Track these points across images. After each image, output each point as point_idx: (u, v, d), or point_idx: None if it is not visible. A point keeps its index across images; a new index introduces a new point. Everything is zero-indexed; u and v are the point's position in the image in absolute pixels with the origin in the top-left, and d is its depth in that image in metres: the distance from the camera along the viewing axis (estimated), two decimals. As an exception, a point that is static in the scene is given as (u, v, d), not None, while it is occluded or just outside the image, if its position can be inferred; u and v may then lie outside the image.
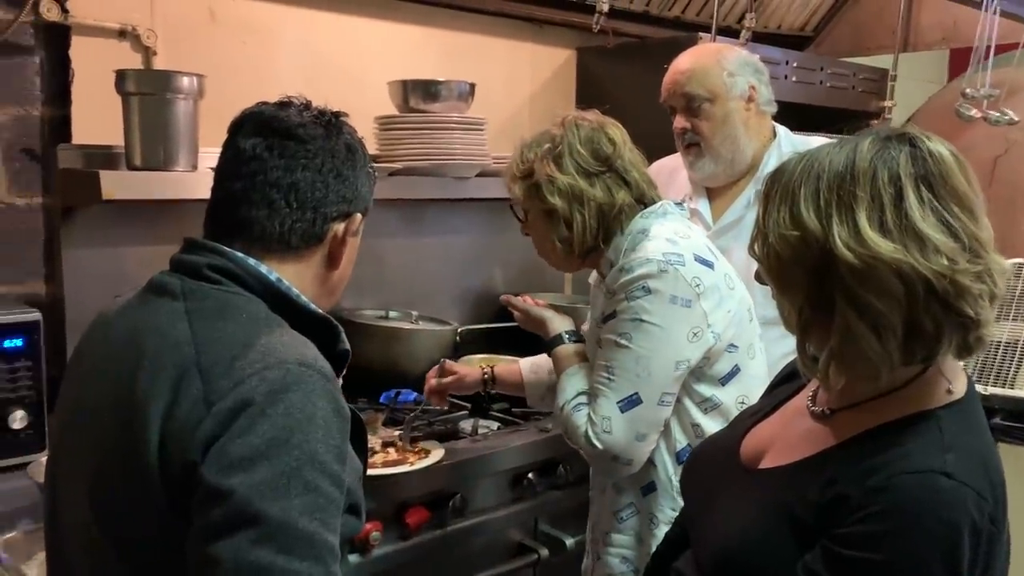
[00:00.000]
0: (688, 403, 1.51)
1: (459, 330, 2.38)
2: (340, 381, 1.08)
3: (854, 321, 0.92)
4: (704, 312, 1.46)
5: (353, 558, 1.67)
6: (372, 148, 2.32)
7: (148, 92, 1.83)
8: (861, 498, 0.90)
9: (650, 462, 1.51)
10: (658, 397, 1.46)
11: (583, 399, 1.51)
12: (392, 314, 2.41)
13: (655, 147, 2.10)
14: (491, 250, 2.71)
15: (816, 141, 1.64)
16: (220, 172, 1.12)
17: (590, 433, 1.47)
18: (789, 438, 1.07)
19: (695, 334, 1.46)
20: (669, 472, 1.51)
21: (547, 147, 1.56)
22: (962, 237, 0.92)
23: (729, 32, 2.98)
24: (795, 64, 3.03)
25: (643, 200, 1.56)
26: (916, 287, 0.90)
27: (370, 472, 1.66)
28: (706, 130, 1.96)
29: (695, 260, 1.47)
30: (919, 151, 0.94)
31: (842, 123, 3.33)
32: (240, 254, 1.08)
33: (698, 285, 1.46)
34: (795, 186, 0.97)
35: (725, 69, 1.97)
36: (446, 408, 2.16)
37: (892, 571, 0.87)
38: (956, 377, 1.00)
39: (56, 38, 2.06)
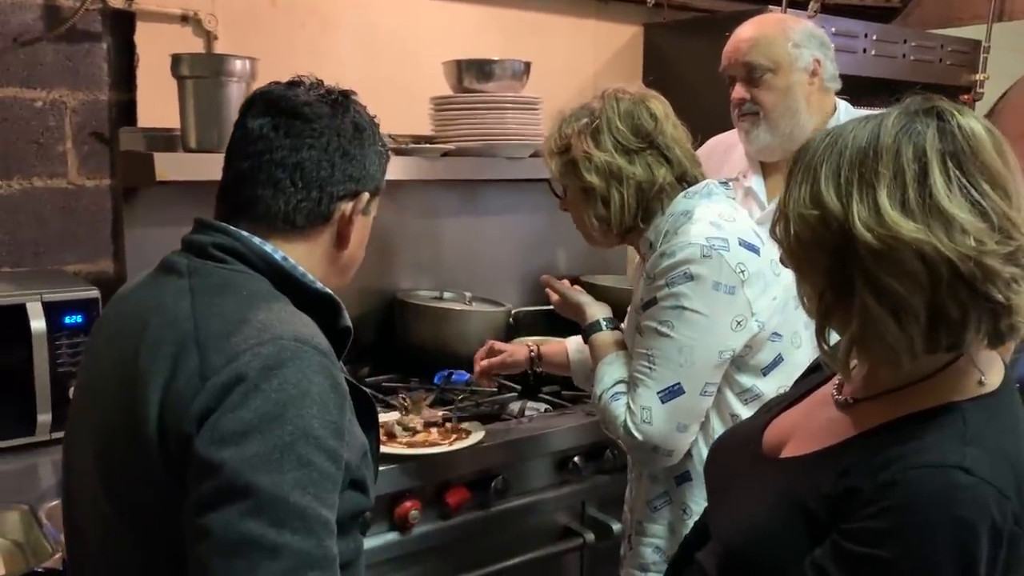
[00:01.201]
0: (728, 393, 1.46)
1: (512, 311, 2.37)
2: (342, 359, 1.10)
3: (873, 305, 0.87)
4: (748, 300, 1.40)
5: (392, 536, 1.70)
6: (427, 129, 2.34)
7: (202, 75, 1.87)
8: (872, 492, 0.85)
9: (686, 452, 1.47)
10: (701, 387, 1.41)
11: (621, 388, 1.47)
12: (447, 295, 2.41)
13: (725, 126, 2.04)
14: (550, 231, 2.68)
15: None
16: (230, 152, 1.13)
17: (629, 423, 1.43)
18: (811, 427, 1.03)
19: (739, 322, 1.40)
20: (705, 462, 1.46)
21: (585, 122, 1.50)
22: (991, 216, 0.85)
23: (800, 5, 2.85)
24: (875, 37, 2.88)
25: (686, 179, 1.50)
26: (940, 269, 0.84)
27: (407, 452, 1.68)
28: (767, 101, 1.87)
29: (740, 245, 1.41)
30: (948, 125, 0.87)
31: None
32: (245, 233, 1.09)
33: (743, 271, 1.40)
34: (817, 163, 0.91)
35: (790, 40, 1.88)
36: (495, 388, 2.16)
37: (899, 570, 0.82)
38: (990, 368, 0.93)
39: (121, 24, 2.13)
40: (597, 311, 1.61)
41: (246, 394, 0.93)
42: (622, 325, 1.61)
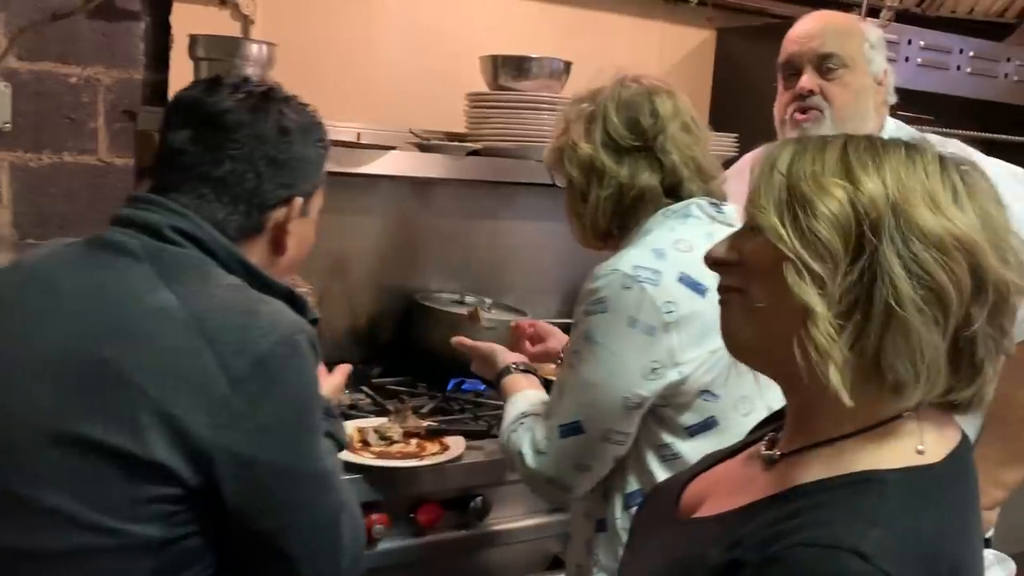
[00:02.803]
0: (645, 446, 1.27)
1: (532, 322, 2.25)
2: None
3: (909, 295, 0.74)
4: (672, 346, 1.21)
5: (356, 548, 1.61)
6: (461, 126, 2.25)
7: (216, 58, 1.85)
8: (754, 569, 0.72)
9: (604, 496, 1.30)
10: (602, 433, 1.24)
11: (524, 420, 1.33)
12: (468, 299, 2.32)
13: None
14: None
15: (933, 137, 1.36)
16: (155, 163, 1.11)
17: (526, 451, 1.29)
18: (729, 485, 0.89)
19: (653, 370, 1.21)
20: (616, 515, 1.29)
21: (584, 107, 1.36)
22: None
23: (877, 13, 2.61)
24: (972, 53, 2.63)
25: (677, 191, 1.33)
26: (987, 290, 0.75)
27: (370, 462, 1.59)
28: (839, 98, 1.66)
29: (678, 281, 1.22)
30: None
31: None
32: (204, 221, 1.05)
33: (670, 312, 1.20)
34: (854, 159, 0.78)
35: (867, 40, 1.70)
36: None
37: None
38: (937, 437, 0.78)
39: (159, 4, 2.14)
40: (508, 357, 1.51)
41: (279, 396, 1.00)
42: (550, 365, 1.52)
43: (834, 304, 0.73)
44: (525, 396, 1.40)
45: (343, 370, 1.43)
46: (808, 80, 1.69)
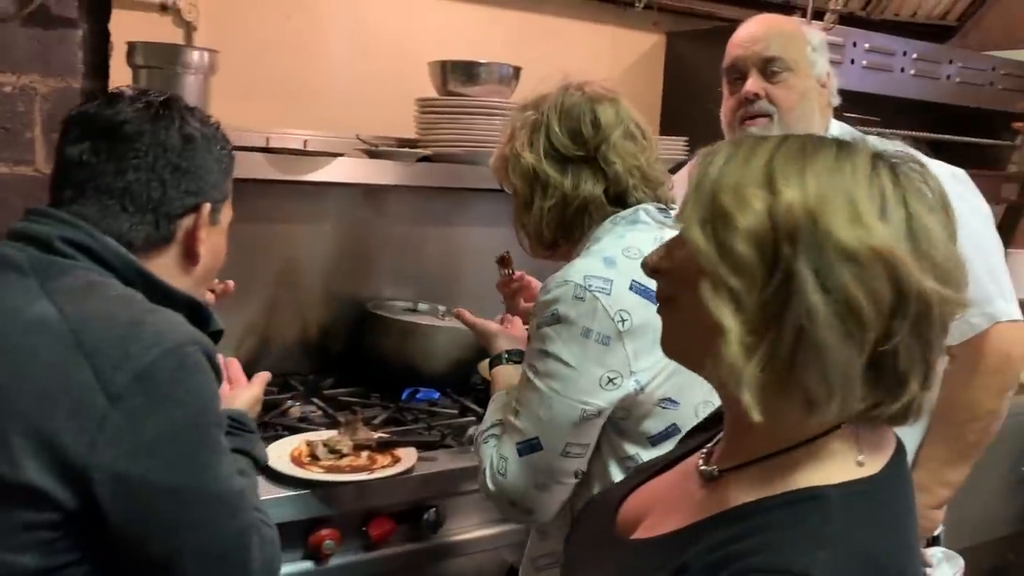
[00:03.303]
0: (609, 458, 1.27)
1: (488, 329, 2.23)
2: None
3: (820, 310, 0.71)
4: (627, 354, 1.20)
5: (306, 564, 1.58)
6: (411, 132, 2.23)
7: (156, 66, 1.81)
8: None
9: (571, 510, 1.29)
10: (561, 447, 1.22)
11: (496, 431, 1.31)
12: (421, 306, 2.29)
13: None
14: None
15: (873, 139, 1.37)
16: (52, 182, 1.08)
17: (487, 473, 1.27)
18: (669, 503, 0.87)
19: (611, 379, 1.19)
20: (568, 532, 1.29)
21: (528, 114, 1.35)
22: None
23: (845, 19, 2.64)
24: (915, 56, 2.67)
25: (624, 199, 1.32)
26: (910, 302, 0.71)
27: (325, 478, 1.56)
28: (784, 101, 1.66)
29: (630, 289, 1.21)
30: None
31: (976, 125, 2.91)
32: (97, 230, 1.02)
33: (624, 320, 1.19)
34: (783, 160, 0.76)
35: (809, 43, 1.70)
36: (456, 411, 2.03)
37: None
38: (875, 447, 0.77)
39: (97, 10, 2.08)
40: (504, 343, 1.47)
41: (169, 411, 0.94)
42: None
43: (748, 320, 0.70)
44: (505, 399, 1.36)
45: (261, 379, 1.39)
46: (753, 84, 1.69)
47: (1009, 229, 3.10)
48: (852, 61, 2.53)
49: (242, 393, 1.34)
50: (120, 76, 2.05)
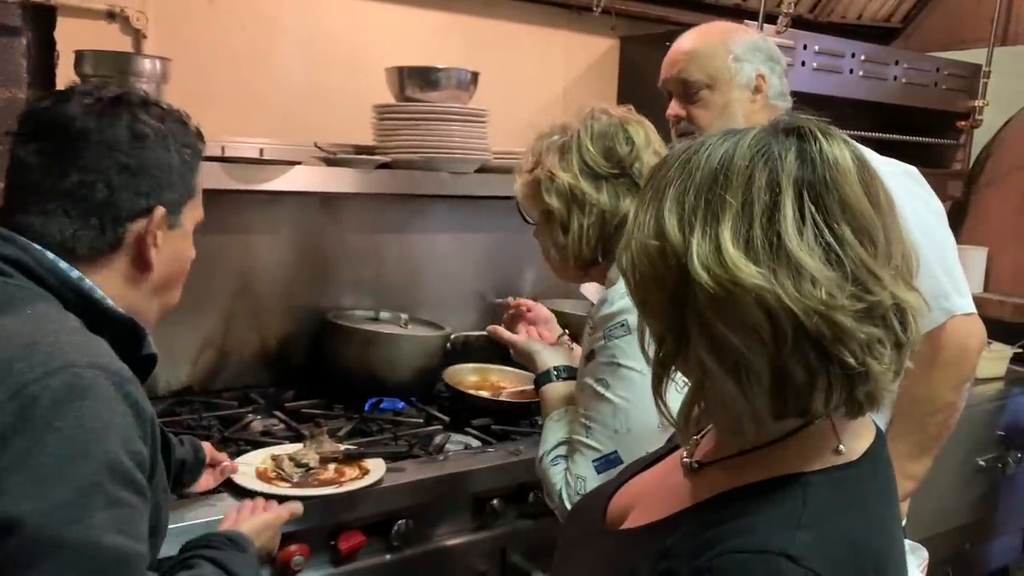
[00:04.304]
0: None
1: (452, 336, 2.22)
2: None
3: (708, 359, 0.73)
4: None
5: (275, 582, 1.55)
6: (369, 139, 2.21)
7: (105, 75, 1.76)
8: None
9: None
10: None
11: (562, 451, 1.31)
12: (383, 315, 2.27)
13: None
14: (503, 251, 2.53)
15: None
16: (4, 186, 1.03)
17: (564, 494, 1.28)
18: (656, 494, 0.88)
19: (686, 384, 1.23)
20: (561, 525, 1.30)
21: (555, 139, 1.38)
22: (846, 265, 0.70)
23: (775, 20, 2.68)
24: (863, 57, 2.73)
25: None
26: (783, 324, 0.69)
27: (294, 493, 1.53)
28: (702, 120, 1.72)
29: None
30: (809, 148, 0.73)
31: (922, 124, 2.99)
32: (37, 246, 0.97)
33: None
34: (666, 184, 0.77)
35: (731, 52, 1.73)
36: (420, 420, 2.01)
37: None
38: (853, 435, 0.79)
39: (42, 18, 2.02)
40: (549, 359, 1.47)
41: (40, 434, 0.83)
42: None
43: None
44: (566, 416, 1.36)
45: (285, 509, 1.39)
46: (674, 107, 1.77)
47: (956, 225, 3.18)
48: (803, 63, 2.58)
49: (254, 518, 1.30)
50: (66, 84, 2.00)
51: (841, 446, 0.77)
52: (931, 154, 3.05)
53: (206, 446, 1.52)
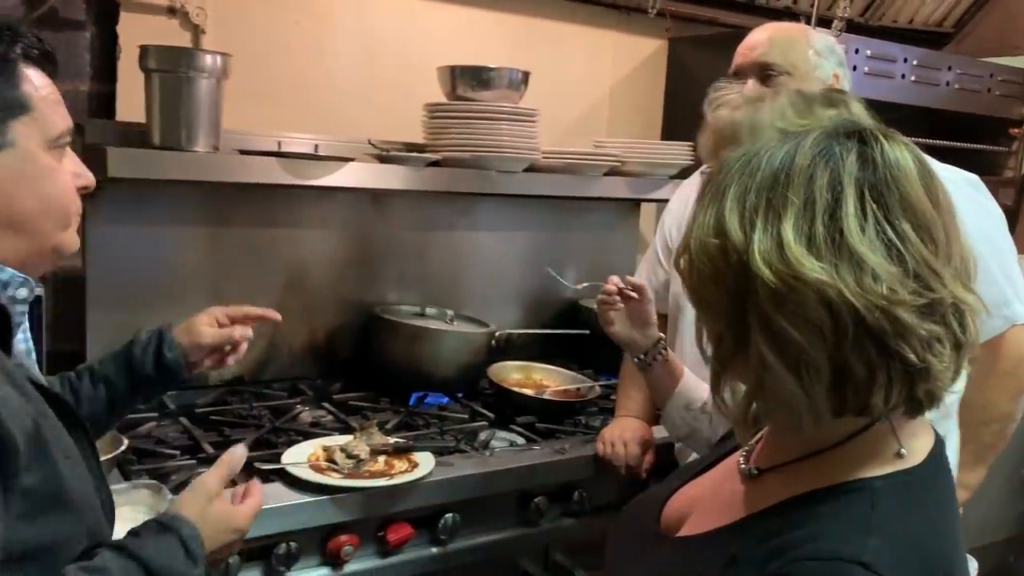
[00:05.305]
0: None
1: (496, 333, 2.23)
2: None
3: (769, 355, 0.73)
4: None
5: (324, 571, 1.57)
6: (419, 137, 2.23)
7: (167, 69, 1.79)
8: None
9: None
10: None
11: None
12: (429, 311, 2.29)
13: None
14: (547, 250, 2.54)
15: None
16: None
17: None
18: (713, 501, 0.88)
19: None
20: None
21: None
22: (908, 262, 0.71)
23: (828, 24, 2.66)
24: (915, 62, 2.70)
25: None
26: (844, 319, 0.70)
27: (339, 483, 1.55)
28: None
29: None
30: (870, 151, 0.73)
31: (974, 130, 2.95)
32: None
33: None
34: (727, 185, 0.77)
35: (812, 47, 1.73)
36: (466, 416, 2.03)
37: None
38: (914, 437, 0.79)
39: (105, 13, 2.07)
40: None
41: None
42: None
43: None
44: None
45: (252, 504, 1.12)
46: (749, 89, 1.73)
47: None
48: (854, 67, 2.55)
49: (219, 506, 1.07)
50: (127, 78, 2.04)
51: (902, 449, 0.77)
52: (983, 161, 3.01)
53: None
